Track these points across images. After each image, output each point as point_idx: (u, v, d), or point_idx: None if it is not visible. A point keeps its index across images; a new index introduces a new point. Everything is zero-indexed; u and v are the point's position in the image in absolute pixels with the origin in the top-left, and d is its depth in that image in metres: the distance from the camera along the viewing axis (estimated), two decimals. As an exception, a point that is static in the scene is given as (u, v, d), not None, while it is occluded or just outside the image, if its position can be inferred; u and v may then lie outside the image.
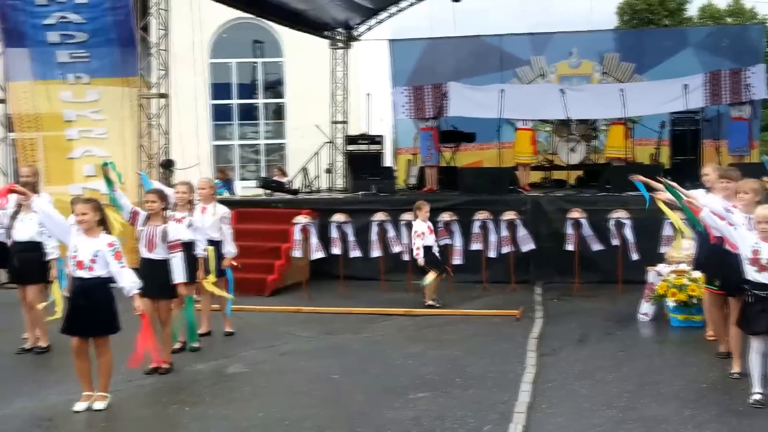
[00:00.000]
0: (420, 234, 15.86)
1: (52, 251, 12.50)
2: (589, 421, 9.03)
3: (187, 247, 12.06)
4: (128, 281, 9.75)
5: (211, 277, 12.87)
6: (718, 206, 11.03)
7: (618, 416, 9.18)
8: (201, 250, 12.68)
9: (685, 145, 23.26)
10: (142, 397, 10.36)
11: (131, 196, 18.87)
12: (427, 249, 15.84)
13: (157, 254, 11.25)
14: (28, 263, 12.63)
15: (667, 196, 11.17)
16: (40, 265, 12.63)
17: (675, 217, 11.51)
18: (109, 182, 11.57)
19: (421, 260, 15.70)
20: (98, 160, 19.17)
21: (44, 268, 12.67)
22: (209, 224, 13.40)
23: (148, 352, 10.28)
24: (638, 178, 11.74)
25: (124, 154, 19.55)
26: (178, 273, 11.38)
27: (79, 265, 9.61)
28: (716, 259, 10.54)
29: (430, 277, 15.51)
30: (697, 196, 12.01)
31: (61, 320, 9.94)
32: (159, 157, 19.54)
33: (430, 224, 16.16)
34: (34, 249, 12.56)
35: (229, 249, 13.65)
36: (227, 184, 29.07)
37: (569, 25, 38.57)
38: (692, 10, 54.12)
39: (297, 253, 17.58)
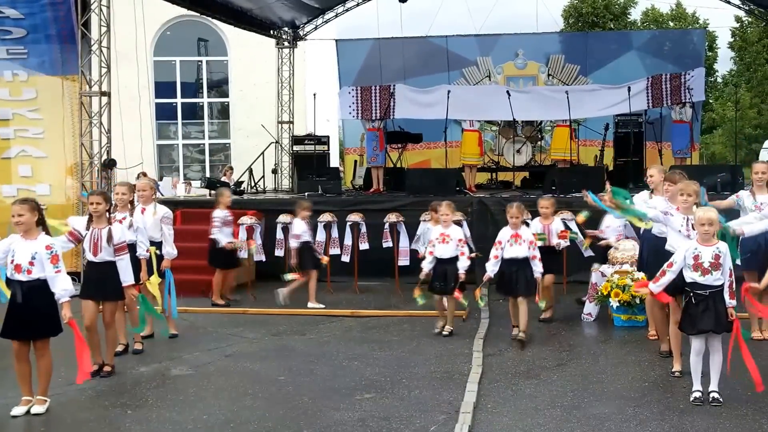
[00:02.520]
0: (297, 236, 16.28)
1: None
2: (534, 420, 9.06)
3: (130, 248, 11.98)
4: (60, 288, 9.61)
5: (154, 278, 12.74)
6: (661, 208, 11.21)
7: (562, 415, 9.23)
8: (143, 251, 12.57)
9: (629, 147, 23.49)
10: (83, 401, 10.24)
11: (72, 194, 18.83)
12: (306, 247, 16.27)
13: (102, 257, 11.13)
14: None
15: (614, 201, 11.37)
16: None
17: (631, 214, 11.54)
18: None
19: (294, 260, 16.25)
20: (34, 160, 19.03)
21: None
22: (150, 225, 13.29)
23: (91, 362, 10.12)
24: (588, 198, 11.87)
25: (64, 154, 19.35)
26: (127, 275, 11.29)
27: (17, 268, 9.49)
28: (659, 260, 10.58)
29: (291, 276, 15.66)
30: (638, 200, 12.26)
31: (1, 323, 9.78)
32: (100, 156, 19.34)
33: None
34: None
35: (169, 250, 13.50)
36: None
37: (516, 27, 38.91)
38: (636, 14, 54.69)
39: (242, 254, 17.52)
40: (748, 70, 52.49)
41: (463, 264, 13.28)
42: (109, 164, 19.48)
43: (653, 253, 11.49)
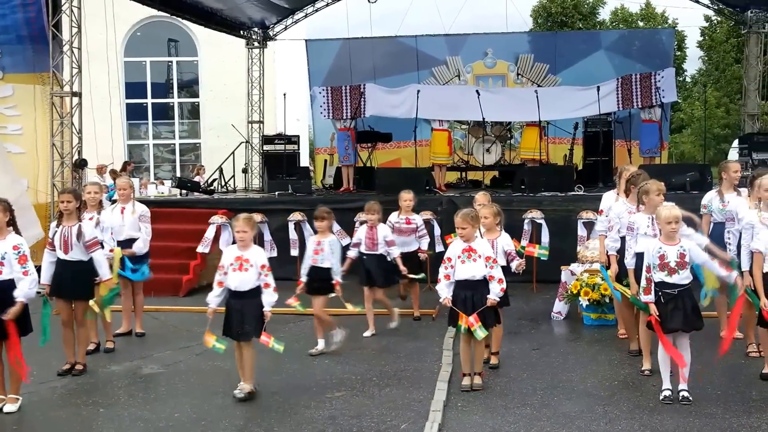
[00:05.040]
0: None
1: None
2: (504, 418, 9.12)
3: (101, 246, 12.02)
4: (22, 289, 9.62)
5: (113, 280, 12.64)
6: (617, 211, 11.42)
7: (532, 413, 9.28)
8: (107, 250, 12.56)
9: (598, 146, 23.56)
10: (55, 399, 10.26)
11: (44, 197, 18.81)
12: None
13: (73, 255, 11.14)
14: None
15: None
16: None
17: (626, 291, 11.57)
18: None
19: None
20: (13, 156, 19.00)
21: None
22: (129, 223, 13.36)
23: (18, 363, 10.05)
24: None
25: (37, 153, 19.35)
26: (104, 269, 11.34)
27: (-13, 268, 9.48)
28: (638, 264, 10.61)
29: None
30: (605, 200, 12.43)
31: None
32: (72, 156, 19.34)
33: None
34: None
35: (141, 247, 13.53)
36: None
37: (485, 27, 38.97)
38: (605, 13, 54.85)
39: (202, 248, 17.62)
40: (716, 70, 52.75)
41: (495, 290, 10.29)
42: (80, 164, 19.48)
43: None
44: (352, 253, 13.86)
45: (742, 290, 10.12)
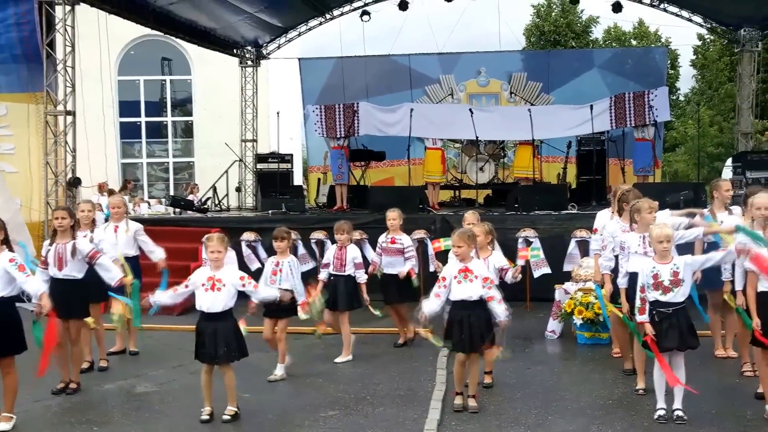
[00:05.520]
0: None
1: None
2: (498, 437, 9.11)
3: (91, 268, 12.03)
4: (34, 287, 9.66)
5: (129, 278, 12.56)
6: (610, 230, 11.42)
7: (526, 433, 9.28)
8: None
9: (592, 165, 23.59)
10: (49, 417, 10.24)
11: (37, 215, 18.79)
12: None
13: (67, 273, 11.12)
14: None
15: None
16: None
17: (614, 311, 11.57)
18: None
19: None
20: (6, 175, 18.99)
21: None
22: (123, 242, 13.35)
23: (52, 357, 10.10)
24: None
25: (31, 172, 19.34)
26: (114, 271, 11.41)
27: (-21, 286, 9.45)
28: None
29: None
30: (599, 219, 12.43)
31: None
32: (65, 174, 19.33)
33: None
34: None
35: (158, 253, 13.56)
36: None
37: (478, 46, 39.00)
38: (598, 32, 54.93)
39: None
40: (709, 88, 52.81)
41: (499, 311, 10.14)
42: (74, 183, 19.48)
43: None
44: (322, 275, 13.57)
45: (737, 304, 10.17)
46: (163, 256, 13.64)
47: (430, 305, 10.29)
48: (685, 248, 10.75)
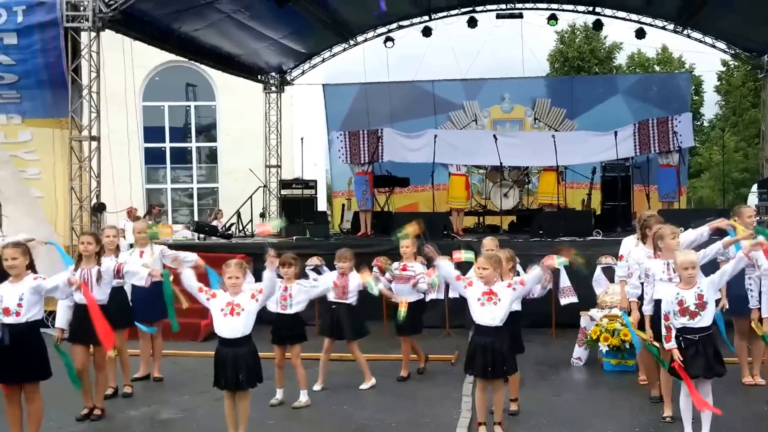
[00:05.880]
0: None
1: None
2: (525, 465, 9.05)
3: (119, 291, 12.01)
4: (62, 277, 9.85)
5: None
6: (636, 257, 11.37)
7: (553, 461, 9.22)
8: (143, 278, 12.56)
9: (616, 191, 23.51)
10: (74, 444, 10.25)
11: (62, 240, 18.79)
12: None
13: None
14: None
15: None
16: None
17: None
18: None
19: None
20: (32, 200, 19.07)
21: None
22: (151, 265, 13.34)
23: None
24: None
25: (56, 197, 19.39)
26: (143, 271, 11.51)
27: (5, 311, 9.41)
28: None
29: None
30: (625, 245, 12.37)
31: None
32: (90, 200, 19.38)
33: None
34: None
35: (190, 258, 13.49)
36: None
37: (502, 72, 38.99)
38: (622, 58, 54.89)
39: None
40: (733, 114, 52.68)
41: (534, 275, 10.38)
42: (99, 208, 19.52)
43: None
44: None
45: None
46: (196, 257, 13.54)
47: (446, 266, 10.60)
48: (710, 266, 10.66)
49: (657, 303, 10.35)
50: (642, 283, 11.26)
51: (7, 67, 19.10)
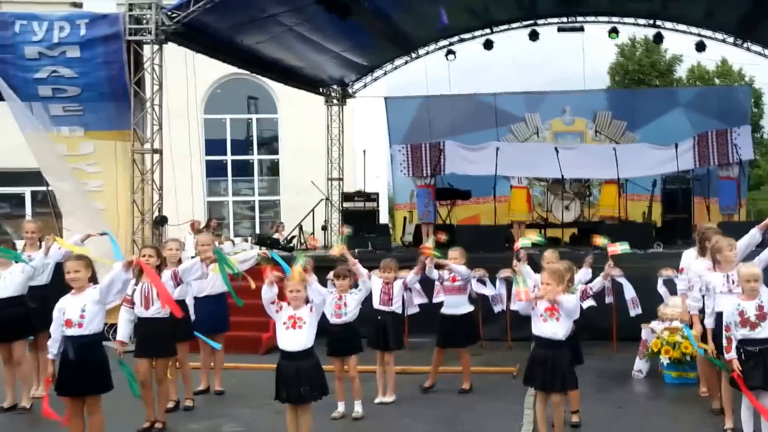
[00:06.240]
0: None
1: None
2: (586, 478, 9.05)
3: (181, 304, 12.09)
4: (116, 267, 9.98)
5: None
6: (697, 270, 11.29)
7: (615, 473, 9.21)
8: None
9: (677, 203, 23.40)
10: (136, 458, 10.35)
11: (125, 254, 18.98)
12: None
13: (154, 312, 11.22)
14: (11, 320, 12.54)
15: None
16: (24, 319, 12.67)
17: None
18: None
19: None
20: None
21: (28, 323, 12.68)
22: (212, 279, 13.46)
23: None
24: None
25: (117, 209, 19.54)
26: (193, 263, 11.73)
27: (68, 323, 9.57)
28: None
29: None
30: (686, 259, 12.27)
31: (53, 381, 9.85)
32: (152, 213, 19.53)
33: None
34: (17, 304, 12.58)
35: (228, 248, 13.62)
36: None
37: (563, 84, 38.89)
38: (682, 70, 54.55)
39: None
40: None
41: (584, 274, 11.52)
42: (161, 221, 19.66)
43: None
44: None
45: None
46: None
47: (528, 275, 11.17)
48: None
49: (718, 316, 10.33)
50: (703, 296, 11.23)
51: (69, 80, 19.23)
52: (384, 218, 32.02)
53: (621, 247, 12.00)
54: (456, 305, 13.75)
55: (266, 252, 12.80)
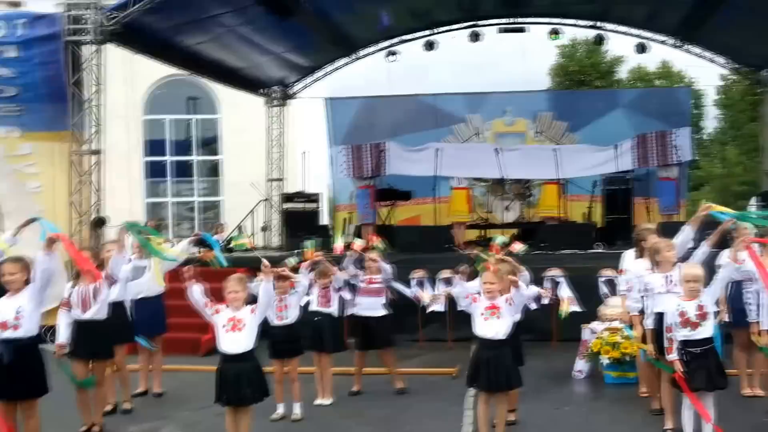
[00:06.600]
0: None
1: None
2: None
3: (119, 306, 12.00)
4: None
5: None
6: (635, 272, 11.35)
7: (555, 474, 9.21)
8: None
9: (617, 204, 23.58)
10: (73, 461, 10.23)
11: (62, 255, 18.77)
12: None
13: (91, 314, 11.11)
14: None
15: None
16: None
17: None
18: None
19: None
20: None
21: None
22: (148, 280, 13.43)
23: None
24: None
25: (55, 211, 19.33)
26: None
27: (3, 326, 9.41)
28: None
29: None
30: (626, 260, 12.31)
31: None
32: (90, 214, 19.34)
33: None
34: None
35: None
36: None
37: (504, 85, 39.06)
38: (623, 72, 54.87)
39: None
40: (731, 128, 52.66)
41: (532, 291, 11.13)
42: (99, 223, 19.48)
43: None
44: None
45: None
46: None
47: (459, 288, 11.00)
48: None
49: (658, 316, 10.37)
50: (642, 297, 11.28)
51: (7, 80, 19.02)
52: (325, 219, 31.96)
53: (519, 248, 12.19)
54: (372, 307, 13.66)
55: (198, 234, 12.72)
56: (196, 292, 9.83)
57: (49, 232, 9.78)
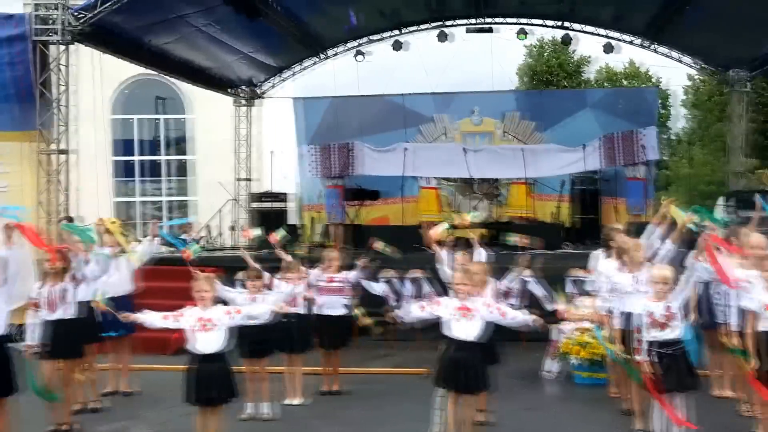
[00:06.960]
0: None
1: None
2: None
3: (87, 306, 11.96)
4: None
5: None
6: (605, 271, 11.37)
7: (524, 474, 9.23)
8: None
9: (585, 203, 23.67)
10: (42, 460, 10.18)
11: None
12: None
13: (59, 315, 11.07)
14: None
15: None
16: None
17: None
18: None
19: None
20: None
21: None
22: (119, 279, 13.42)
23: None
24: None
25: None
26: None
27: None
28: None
29: None
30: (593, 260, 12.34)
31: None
32: (58, 214, 19.26)
33: None
34: None
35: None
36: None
37: (471, 85, 39.02)
38: (590, 72, 55.05)
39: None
40: (699, 128, 52.93)
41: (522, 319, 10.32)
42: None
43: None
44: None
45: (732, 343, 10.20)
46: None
47: (411, 313, 10.43)
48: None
49: (627, 316, 10.41)
50: (611, 297, 11.32)
51: (-26, 81, 19.00)
52: (293, 219, 31.91)
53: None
54: (332, 306, 13.72)
55: (157, 223, 12.82)
56: (150, 320, 9.89)
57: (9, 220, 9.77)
